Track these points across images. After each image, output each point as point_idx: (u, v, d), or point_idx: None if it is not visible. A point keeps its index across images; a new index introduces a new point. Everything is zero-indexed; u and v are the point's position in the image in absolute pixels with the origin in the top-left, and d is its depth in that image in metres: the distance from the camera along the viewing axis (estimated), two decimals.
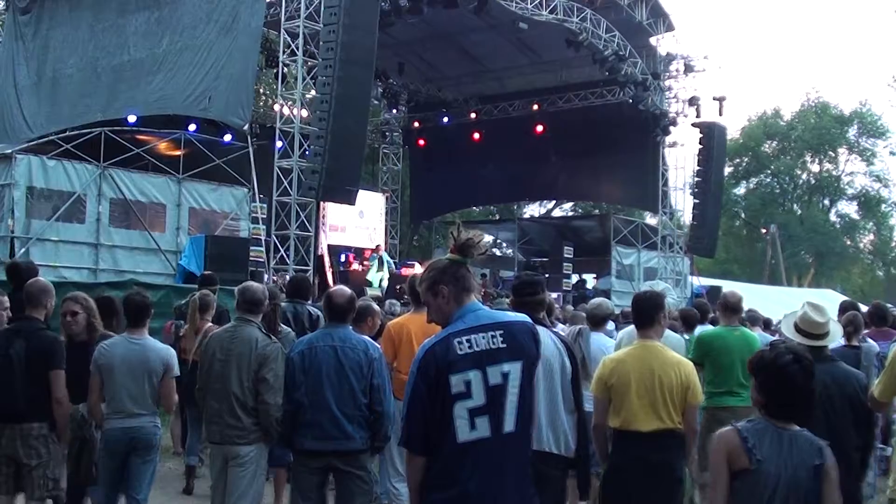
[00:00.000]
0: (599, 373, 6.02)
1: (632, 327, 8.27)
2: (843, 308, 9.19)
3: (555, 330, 6.47)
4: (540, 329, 5.58)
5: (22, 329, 6.81)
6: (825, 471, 4.02)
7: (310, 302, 10.29)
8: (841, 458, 5.52)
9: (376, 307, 8.58)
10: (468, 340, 4.05)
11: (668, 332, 8.16)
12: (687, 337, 9.55)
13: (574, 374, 5.82)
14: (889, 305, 10.99)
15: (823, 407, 5.53)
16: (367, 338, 6.87)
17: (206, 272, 12.89)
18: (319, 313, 10.63)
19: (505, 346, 4.10)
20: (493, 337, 4.09)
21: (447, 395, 4.00)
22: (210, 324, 9.34)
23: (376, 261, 26.47)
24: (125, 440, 6.76)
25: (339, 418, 6.28)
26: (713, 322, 11.06)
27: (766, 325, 13.60)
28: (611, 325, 10.21)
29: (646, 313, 6.12)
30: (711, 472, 4.32)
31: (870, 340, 9.26)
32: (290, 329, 8.81)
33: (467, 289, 4.20)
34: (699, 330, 10.30)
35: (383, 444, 6.67)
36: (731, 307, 8.79)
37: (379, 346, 6.83)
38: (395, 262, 31.82)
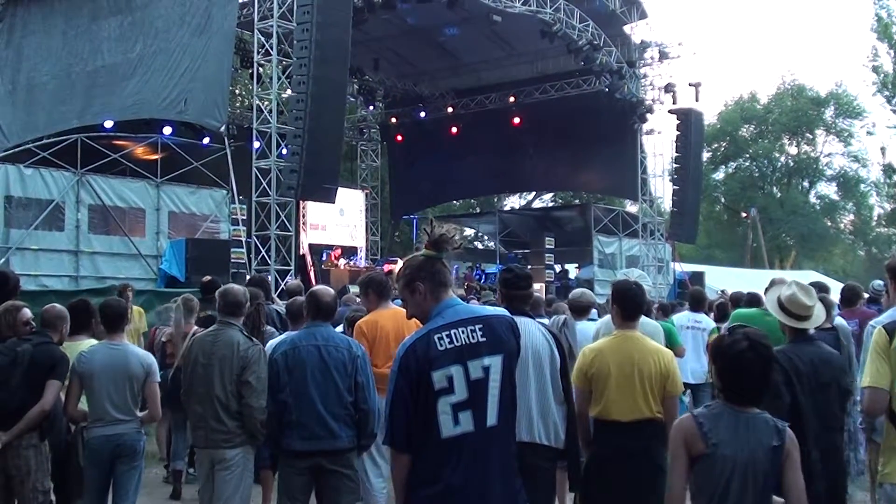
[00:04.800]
0: (580, 363, 5.98)
1: (609, 317, 8.30)
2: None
3: (543, 321, 6.48)
4: (528, 321, 5.62)
5: (32, 339, 6.80)
6: (785, 451, 4.06)
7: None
8: (828, 438, 5.57)
9: None
10: (448, 336, 4.05)
11: (643, 318, 8.19)
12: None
13: (563, 365, 5.83)
14: (877, 284, 11.05)
15: (809, 387, 5.57)
16: (349, 337, 6.88)
17: (206, 278, 12.68)
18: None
19: (485, 339, 4.09)
20: (472, 331, 4.08)
21: (430, 391, 4.00)
22: (196, 327, 9.31)
23: None
24: (109, 448, 6.71)
25: (325, 417, 6.28)
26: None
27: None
28: (593, 314, 10.26)
29: (635, 305, 6.11)
30: (670, 459, 4.38)
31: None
32: (273, 329, 8.81)
33: (444, 284, 4.21)
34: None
35: (370, 441, 6.66)
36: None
37: (362, 345, 6.84)
38: (377, 259, 31.89)
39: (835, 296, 9.64)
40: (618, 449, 5.76)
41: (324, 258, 29.47)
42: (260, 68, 22.79)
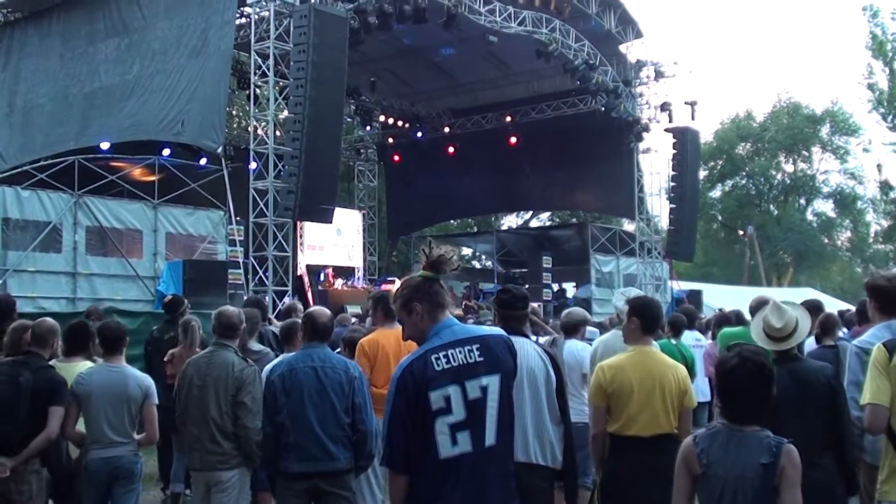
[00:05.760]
0: (597, 380, 5.95)
1: (607, 336, 8.28)
2: (810, 309, 9.23)
3: (538, 341, 6.47)
4: (524, 340, 5.61)
5: (29, 363, 6.74)
6: (779, 469, 4.04)
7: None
8: (812, 455, 5.51)
9: None
10: (445, 356, 4.06)
11: None
12: (675, 342, 9.55)
13: (559, 385, 5.82)
14: None
15: (789, 407, 5.52)
16: (346, 357, 6.87)
17: (167, 298, 12.64)
18: None
19: (482, 359, 4.11)
20: (469, 351, 4.10)
21: (427, 411, 4.00)
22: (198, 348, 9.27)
23: None
24: (107, 470, 6.69)
25: (322, 439, 6.25)
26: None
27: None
28: (592, 332, 10.23)
29: (656, 318, 6.13)
30: (675, 479, 4.38)
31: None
32: (270, 350, 8.77)
33: (441, 305, 4.22)
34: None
35: (368, 463, 6.63)
36: (754, 311, 8.66)
37: (359, 365, 6.83)
38: (374, 279, 31.88)
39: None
40: (637, 464, 5.75)
41: (321, 279, 29.47)
42: (257, 89, 22.81)
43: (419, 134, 36.00)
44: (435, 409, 4.01)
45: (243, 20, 23.95)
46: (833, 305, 19.42)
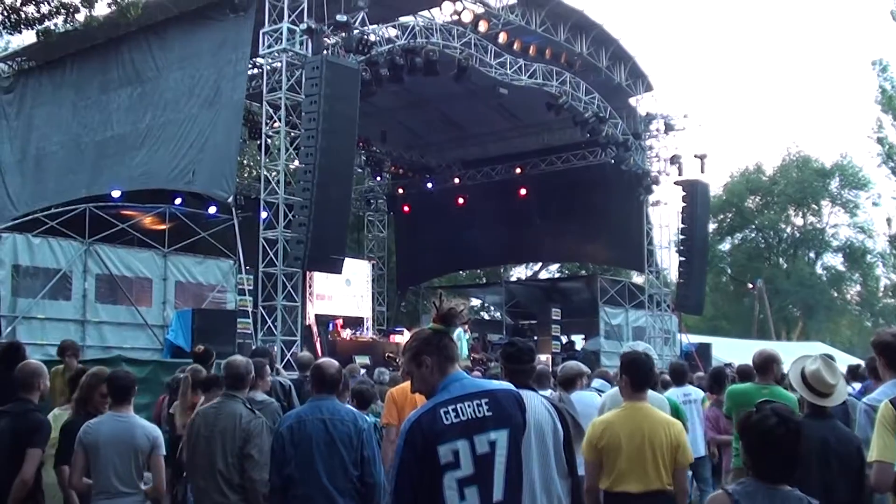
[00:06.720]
0: (589, 436, 6.00)
1: (615, 389, 8.27)
2: None
3: (545, 395, 6.45)
4: (530, 394, 5.59)
5: (11, 410, 6.72)
6: None
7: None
8: None
9: None
10: (454, 410, 4.03)
11: (650, 392, 8.15)
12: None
13: (566, 439, 5.80)
14: None
15: (819, 464, 5.46)
16: (355, 409, 6.85)
17: (199, 348, 12.71)
18: (290, 383, 10.56)
19: (491, 414, 4.08)
20: (478, 405, 4.07)
21: (436, 465, 3.97)
22: (202, 397, 9.25)
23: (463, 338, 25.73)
24: None
25: (330, 492, 6.20)
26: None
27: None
28: (598, 382, 10.23)
29: (645, 375, 6.12)
30: None
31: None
32: (272, 399, 8.75)
33: (451, 358, 4.20)
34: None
35: None
36: (759, 367, 8.67)
37: (367, 417, 6.80)
38: (383, 330, 31.88)
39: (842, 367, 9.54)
40: None
41: (329, 329, 29.43)
42: (268, 139, 22.89)
43: (429, 185, 36.19)
44: (443, 464, 3.97)
45: (255, 70, 24.16)
46: (842, 360, 19.33)
